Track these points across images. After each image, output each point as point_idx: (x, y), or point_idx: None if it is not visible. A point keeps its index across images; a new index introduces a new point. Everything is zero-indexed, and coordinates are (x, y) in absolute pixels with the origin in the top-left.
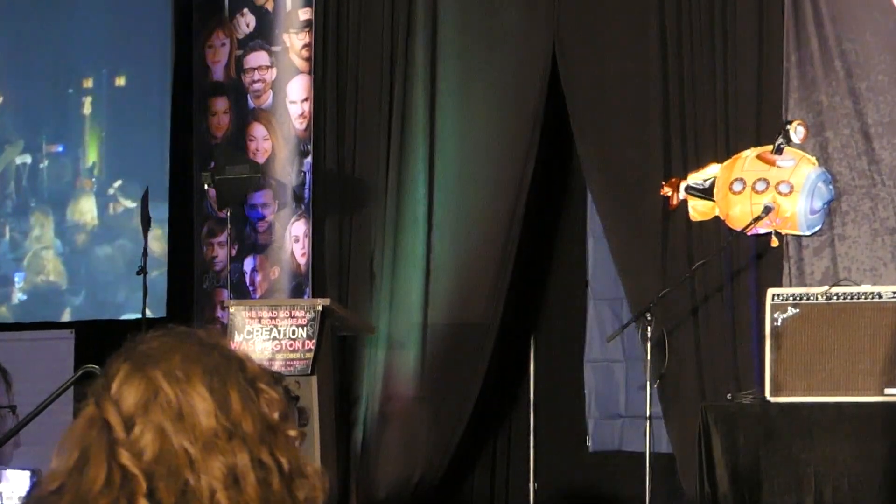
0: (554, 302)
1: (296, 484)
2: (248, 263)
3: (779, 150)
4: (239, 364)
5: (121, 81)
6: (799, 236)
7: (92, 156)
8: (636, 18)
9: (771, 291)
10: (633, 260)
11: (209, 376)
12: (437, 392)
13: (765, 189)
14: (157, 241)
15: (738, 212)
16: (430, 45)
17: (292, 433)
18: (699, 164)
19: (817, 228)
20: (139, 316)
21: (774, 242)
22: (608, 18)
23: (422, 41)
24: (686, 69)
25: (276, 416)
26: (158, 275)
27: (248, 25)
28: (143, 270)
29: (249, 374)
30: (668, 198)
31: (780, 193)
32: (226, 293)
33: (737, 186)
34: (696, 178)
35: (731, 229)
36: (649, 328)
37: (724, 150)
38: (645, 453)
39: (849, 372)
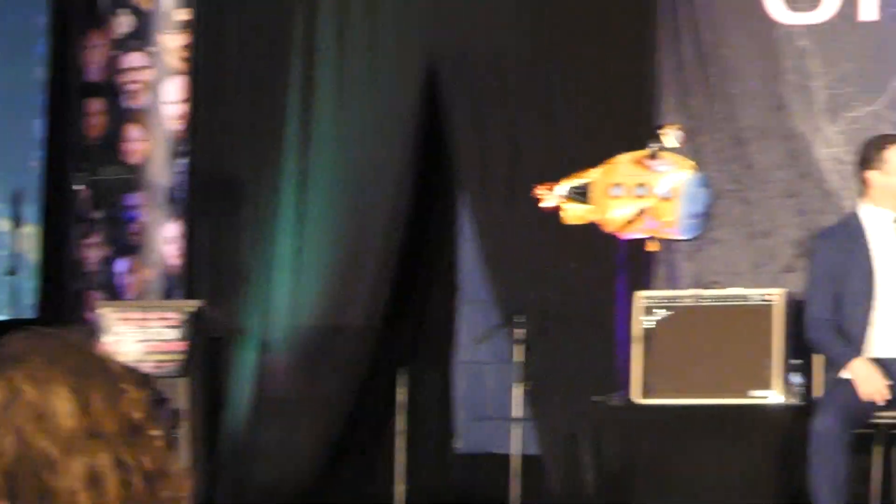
0: (425, 304)
1: (159, 484)
2: (121, 265)
3: (654, 155)
4: (102, 365)
5: None
6: (672, 240)
7: None
8: (509, 25)
9: (640, 294)
10: (505, 262)
11: (71, 377)
12: (309, 394)
13: (645, 194)
14: (29, 242)
15: (616, 215)
16: (308, 46)
17: (156, 433)
18: (575, 168)
19: (695, 233)
20: (7, 318)
21: (654, 246)
22: (484, 23)
23: (300, 43)
24: (560, 72)
25: (139, 416)
26: (29, 276)
27: (124, 26)
28: (12, 272)
29: (113, 375)
30: (542, 201)
31: (660, 198)
32: (98, 295)
33: (616, 191)
34: (571, 182)
35: (605, 232)
36: (519, 331)
37: (600, 154)
38: (513, 455)
39: (716, 374)
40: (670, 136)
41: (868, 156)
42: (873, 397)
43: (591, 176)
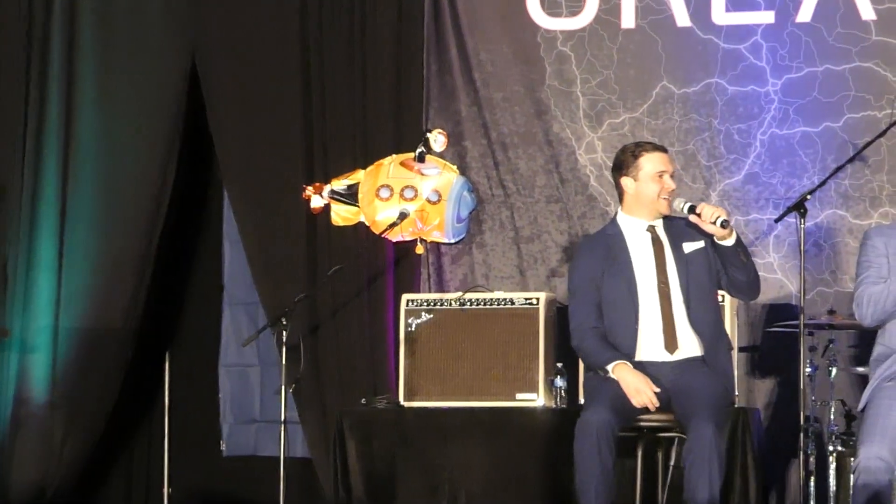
0: (189, 306)
1: None
2: None
3: (420, 158)
4: None
5: None
6: (439, 243)
7: None
8: (277, 26)
9: (405, 297)
10: (270, 264)
11: None
12: (71, 397)
13: (413, 196)
14: None
15: (384, 218)
16: (67, 42)
17: None
18: (341, 170)
19: (462, 236)
20: None
21: (420, 249)
22: (249, 24)
23: (59, 39)
24: (327, 75)
25: None
26: None
27: None
28: None
29: None
30: (309, 201)
31: (428, 202)
32: None
33: (384, 193)
34: (339, 184)
35: (372, 234)
36: (285, 333)
37: (366, 157)
38: (280, 458)
39: (482, 377)
40: (436, 140)
41: (622, 162)
42: (643, 404)
43: (358, 178)
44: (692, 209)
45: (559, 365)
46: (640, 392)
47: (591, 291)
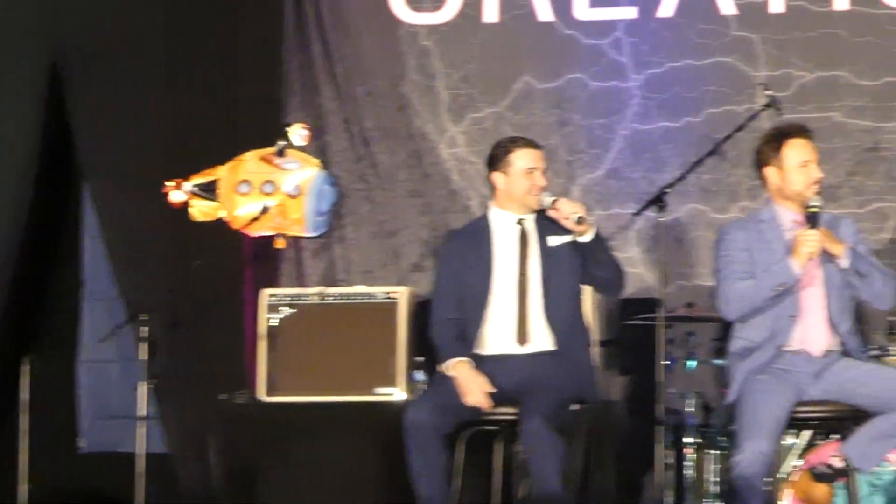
0: (49, 302)
1: None
2: None
3: (281, 153)
4: None
5: None
6: (299, 238)
7: None
8: (139, 24)
9: (266, 292)
10: (130, 260)
11: None
12: None
13: (273, 191)
14: None
15: (243, 212)
16: None
17: None
18: (202, 166)
19: (323, 231)
20: None
21: (281, 244)
22: (110, 15)
23: None
24: (188, 70)
25: None
26: None
27: None
28: None
29: None
30: (169, 196)
31: (288, 196)
32: None
33: (243, 188)
34: (199, 179)
35: (233, 229)
36: (145, 328)
37: (227, 152)
38: (139, 454)
39: (342, 372)
40: (297, 135)
41: (494, 157)
42: (475, 403)
43: (218, 173)
44: (552, 203)
45: (419, 359)
46: (472, 392)
47: (453, 283)
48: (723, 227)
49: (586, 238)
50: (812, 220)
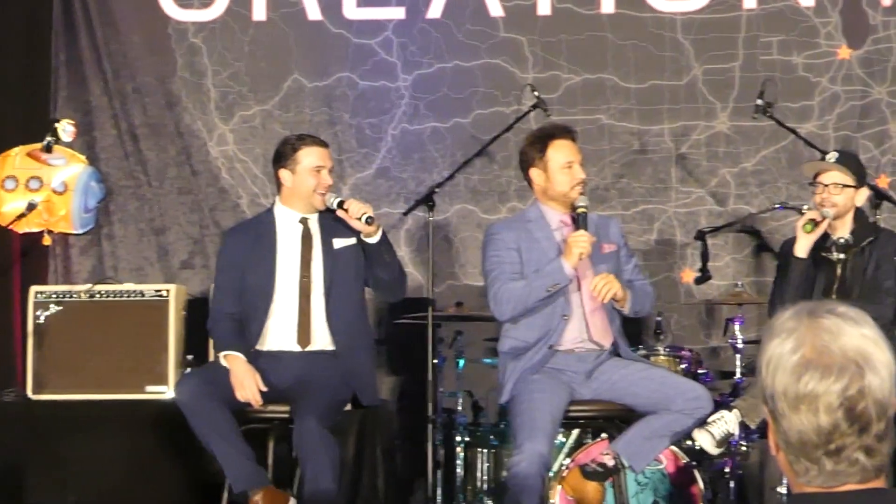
0: None
1: None
2: None
3: (48, 149)
4: None
5: None
6: (67, 234)
7: None
8: None
9: (34, 289)
10: None
11: None
12: None
13: (39, 187)
14: None
15: (11, 209)
16: None
17: None
18: None
19: (90, 227)
20: None
21: (47, 240)
22: None
23: None
24: None
25: None
26: None
27: None
28: None
29: None
30: None
31: (54, 192)
32: None
33: (9, 184)
34: None
35: (1, 226)
36: None
37: None
38: None
39: (113, 370)
40: (65, 130)
41: (282, 154)
42: (246, 399)
43: None
44: (340, 204)
45: (190, 357)
46: (244, 387)
47: (233, 277)
48: (490, 226)
49: (374, 239)
50: (579, 221)
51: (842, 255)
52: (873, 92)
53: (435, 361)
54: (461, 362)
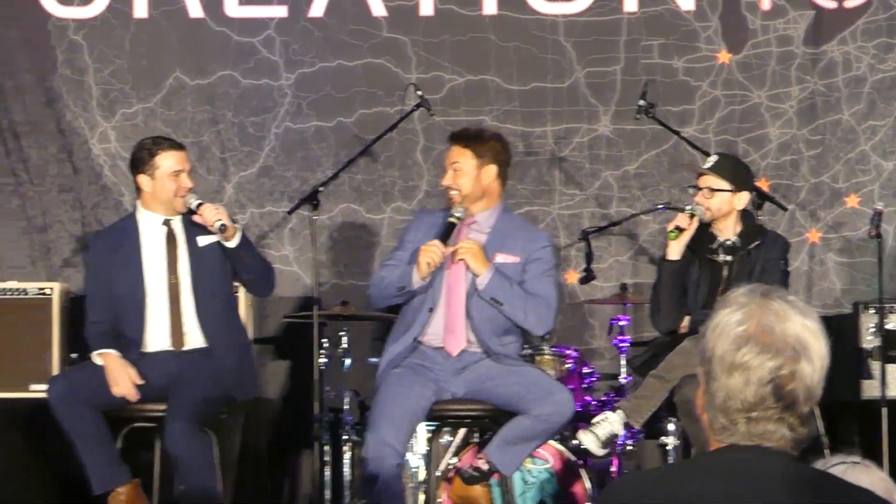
0: None
1: None
2: None
3: None
4: None
5: None
6: None
7: None
8: None
9: None
10: None
11: None
12: None
13: None
14: None
15: None
16: None
17: None
18: None
19: None
20: None
21: None
22: None
23: None
24: None
25: None
26: None
27: None
28: None
29: None
30: None
31: None
32: None
33: None
34: None
35: None
36: None
37: None
38: None
39: None
40: None
41: (139, 160)
42: (122, 394)
43: None
44: (198, 207)
45: (74, 356)
46: (120, 382)
47: (102, 284)
48: (418, 211)
49: (232, 243)
50: (445, 230)
51: (728, 258)
52: (753, 96)
53: (321, 361)
54: (347, 361)
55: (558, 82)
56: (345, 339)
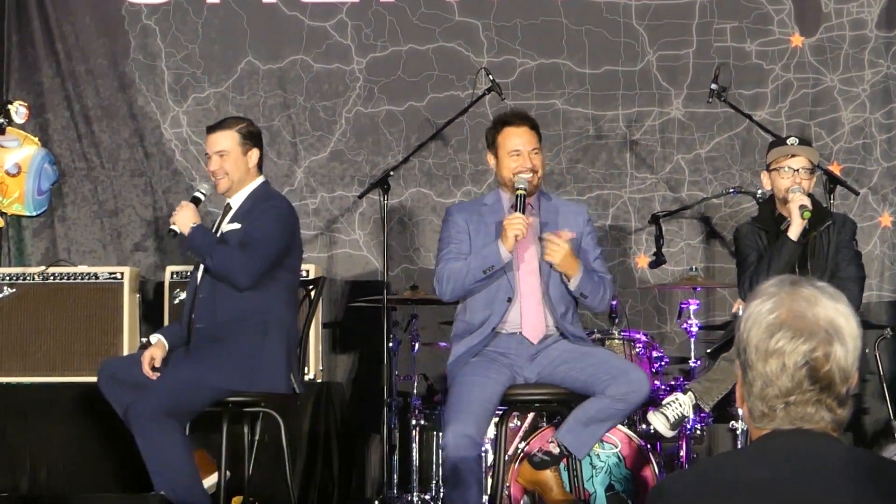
0: None
1: None
2: None
3: (1, 130)
4: None
5: None
6: (20, 216)
7: None
8: None
9: None
10: None
11: None
12: None
13: None
14: None
15: None
16: None
17: None
18: None
19: (44, 209)
20: None
21: (0, 223)
22: None
23: None
24: None
25: None
26: None
27: None
28: None
29: None
30: None
31: (7, 174)
32: None
33: None
34: None
35: None
36: None
37: None
38: None
39: (65, 352)
40: (17, 112)
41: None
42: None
43: None
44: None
45: (144, 340)
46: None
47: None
48: (447, 209)
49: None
50: (518, 202)
51: (803, 238)
52: (826, 80)
53: (390, 345)
54: (416, 346)
55: (630, 65)
56: (414, 324)
